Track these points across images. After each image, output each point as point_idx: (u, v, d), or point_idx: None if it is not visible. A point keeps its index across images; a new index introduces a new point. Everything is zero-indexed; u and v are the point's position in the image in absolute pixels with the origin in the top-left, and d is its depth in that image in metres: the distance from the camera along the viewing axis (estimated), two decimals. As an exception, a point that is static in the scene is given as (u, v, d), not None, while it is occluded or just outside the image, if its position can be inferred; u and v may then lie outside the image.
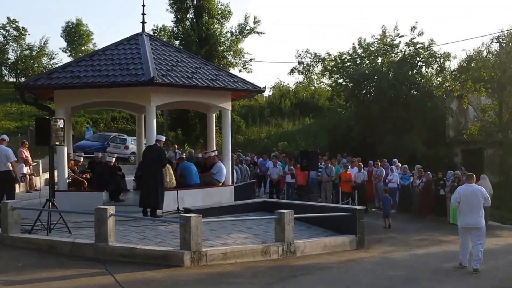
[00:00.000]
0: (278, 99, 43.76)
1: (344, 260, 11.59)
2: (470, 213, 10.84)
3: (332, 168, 20.13)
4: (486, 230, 12.18)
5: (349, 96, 30.29)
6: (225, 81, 15.49)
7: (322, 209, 14.15)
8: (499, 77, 24.95)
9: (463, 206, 10.92)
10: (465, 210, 10.91)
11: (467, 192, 10.92)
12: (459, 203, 10.97)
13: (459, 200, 10.97)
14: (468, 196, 10.86)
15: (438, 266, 11.35)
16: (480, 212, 10.87)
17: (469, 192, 10.91)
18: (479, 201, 10.82)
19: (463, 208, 10.93)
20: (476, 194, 10.86)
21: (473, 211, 10.82)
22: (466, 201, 10.86)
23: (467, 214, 10.87)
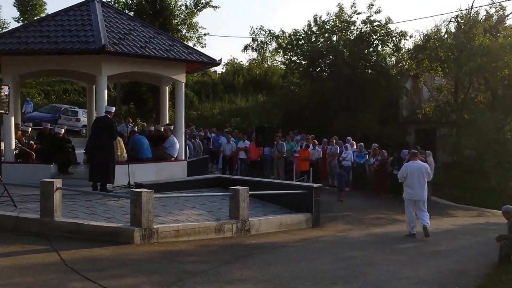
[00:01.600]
0: (231, 75, 43.18)
1: (300, 239, 11.41)
2: (416, 187, 12.02)
3: (283, 145, 19.90)
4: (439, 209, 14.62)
5: (304, 73, 30.06)
6: (179, 52, 14.89)
7: (278, 186, 13.92)
8: (456, 56, 25.21)
9: (409, 181, 12.04)
10: (411, 184, 12.04)
11: (412, 168, 12.10)
12: (405, 178, 12.09)
13: (405, 175, 12.09)
14: (414, 171, 12.02)
15: (396, 247, 11.29)
16: (424, 186, 12.14)
17: (415, 168, 12.11)
18: (424, 176, 12.07)
19: (409, 182, 12.06)
20: (421, 170, 12.10)
21: (418, 185, 12.02)
22: (412, 176, 11.99)
23: (413, 188, 12.03)
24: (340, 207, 16.30)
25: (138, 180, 13.28)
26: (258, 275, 8.10)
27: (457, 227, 15.24)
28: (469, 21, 26.17)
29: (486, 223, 16.49)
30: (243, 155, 20.46)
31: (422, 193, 12.13)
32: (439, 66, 25.96)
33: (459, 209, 19.31)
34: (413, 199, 12.17)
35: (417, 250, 11.04)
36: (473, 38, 24.81)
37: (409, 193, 12.17)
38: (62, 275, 7.28)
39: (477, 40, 24.74)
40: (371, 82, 27.72)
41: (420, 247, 11.39)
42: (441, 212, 17.74)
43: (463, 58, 24.49)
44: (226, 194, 11.62)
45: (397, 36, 27.99)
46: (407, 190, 12.20)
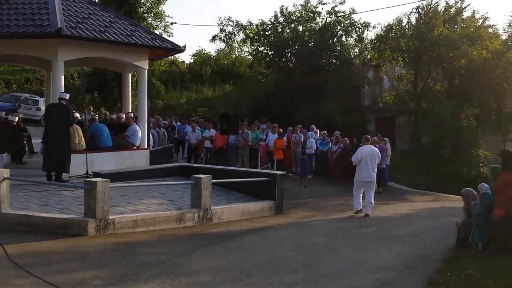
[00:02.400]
0: (199, 65, 42.21)
1: (263, 227, 10.85)
2: (369, 169, 12.52)
3: (248, 133, 19.29)
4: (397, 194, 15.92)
5: (270, 63, 29.44)
6: (141, 38, 14.00)
7: (242, 174, 13.30)
8: (416, 47, 24.96)
9: (363, 164, 12.49)
10: (364, 167, 12.51)
11: (366, 152, 12.57)
12: (360, 161, 12.50)
13: (359, 159, 12.50)
14: (367, 155, 12.52)
15: (357, 232, 10.86)
16: (375, 169, 12.70)
17: (368, 152, 12.61)
18: (375, 160, 12.69)
19: (363, 165, 12.51)
20: (373, 154, 12.69)
21: (370, 168, 12.54)
22: (365, 160, 12.47)
23: (367, 170, 12.52)
24: (303, 194, 15.79)
25: (97, 169, 12.50)
26: (217, 265, 7.53)
27: (414, 211, 14.91)
28: (429, 12, 25.90)
29: (442, 207, 16.28)
30: (209, 144, 19.74)
31: (373, 175, 12.66)
32: (400, 56, 25.69)
33: (416, 194, 18.99)
34: (365, 180, 12.62)
35: (377, 235, 10.62)
36: (433, 28, 24.59)
37: (361, 175, 12.60)
38: (5, 271, 6.51)
39: (436, 31, 24.53)
40: (335, 71, 27.29)
41: (380, 232, 11.00)
42: (399, 197, 17.45)
43: (423, 48, 24.27)
44: (188, 182, 10.95)
45: (360, 27, 27.60)
46: (360, 173, 12.60)
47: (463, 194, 9.92)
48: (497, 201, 8.44)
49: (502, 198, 8.31)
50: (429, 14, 25.98)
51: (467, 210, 9.65)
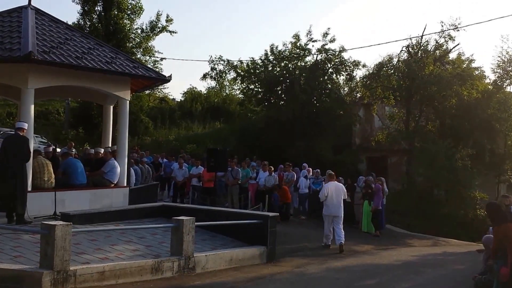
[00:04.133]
0: (189, 102, 40.88)
1: (253, 278, 9.10)
2: (334, 204, 12.76)
3: (238, 170, 17.65)
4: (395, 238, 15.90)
5: (260, 100, 28.13)
6: (122, 65, 12.42)
7: (229, 216, 11.55)
8: (407, 85, 23.78)
9: (329, 199, 12.75)
10: (330, 202, 12.78)
11: (333, 188, 12.86)
12: (326, 197, 12.74)
13: (326, 195, 12.76)
14: (334, 190, 12.82)
15: (360, 284, 9.19)
16: (341, 203, 12.90)
17: (334, 187, 12.92)
18: (341, 195, 12.92)
19: (329, 201, 12.77)
20: (339, 189, 13.00)
21: (336, 203, 12.77)
22: (331, 196, 12.74)
23: (332, 205, 12.77)
24: (298, 237, 14.02)
25: (68, 209, 10.76)
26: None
27: (417, 258, 13.30)
28: (420, 50, 24.87)
29: (444, 253, 14.80)
30: (196, 182, 18.00)
31: (339, 210, 12.80)
32: (391, 94, 24.49)
33: (414, 237, 17.48)
34: (331, 215, 12.76)
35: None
36: (424, 67, 23.50)
37: (328, 210, 12.82)
38: None
39: (427, 69, 23.43)
40: (326, 109, 26.02)
41: (385, 285, 9.35)
42: (397, 242, 15.92)
43: (415, 87, 23.09)
44: (168, 225, 9.21)
45: (350, 65, 26.48)
46: (327, 208, 12.82)
47: (486, 242, 8.31)
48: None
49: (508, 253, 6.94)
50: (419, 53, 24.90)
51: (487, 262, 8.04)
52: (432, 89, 23.21)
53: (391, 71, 24.81)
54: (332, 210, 12.77)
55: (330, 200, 12.75)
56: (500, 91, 24.71)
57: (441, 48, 25.12)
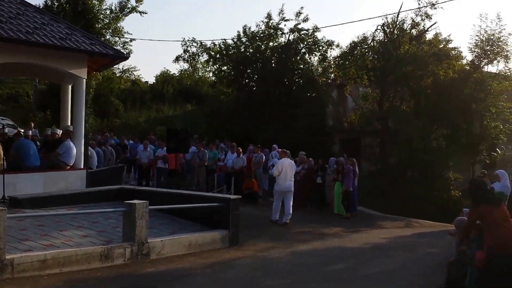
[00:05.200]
0: (160, 85, 40.12)
1: (212, 263, 8.70)
2: (287, 180, 13.22)
3: (205, 152, 17.16)
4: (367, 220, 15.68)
5: (231, 81, 27.55)
6: (78, 42, 11.81)
7: (191, 199, 11.11)
8: (382, 65, 23.41)
9: (283, 175, 13.17)
10: (283, 178, 13.19)
11: (285, 165, 13.28)
12: (280, 172, 13.14)
13: (280, 170, 13.17)
14: (287, 167, 13.26)
15: (325, 270, 8.80)
16: (292, 179, 13.42)
17: (287, 164, 13.38)
18: (292, 171, 13.52)
19: (282, 176, 13.18)
20: (291, 166, 13.55)
21: (289, 179, 13.26)
22: (284, 172, 13.16)
23: (285, 181, 13.21)
24: (264, 220, 13.66)
25: (21, 193, 10.21)
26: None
27: (387, 240, 13.03)
28: (395, 29, 24.47)
29: (416, 235, 14.52)
30: (162, 164, 17.44)
31: (291, 185, 13.35)
32: (365, 74, 24.10)
33: (387, 219, 17.16)
34: (284, 190, 13.25)
35: (348, 274, 8.62)
36: (399, 46, 23.13)
37: (281, 185, 13.27)
38: None
39: (402, 49, 23.09)
40: (299, 90, 25.56)
41: (351, 270, 9.00)
42: (369, 224, 15.59)
43: (389, 66, 22.74)
44: (119, 210, 8.72)
45: (323, 45, 26.00)
46: (280, 184, 13.27)
47: (458, 225, 7.96)
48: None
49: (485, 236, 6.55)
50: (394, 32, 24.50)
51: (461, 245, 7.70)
52: (407, 68, 22.90)
53: (365, 50, 24.37)
54: (284, 185, 13.23)
55: (283, 176, 13.18)
56: (477, 71, 24.47)
57: (417, 27, 24.73)
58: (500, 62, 23.87)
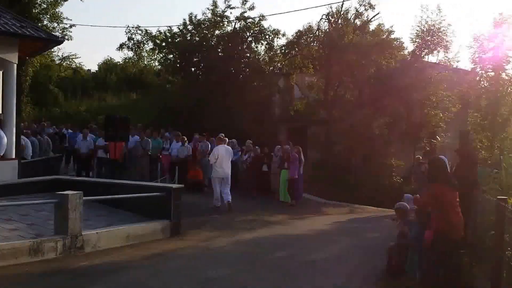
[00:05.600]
0: (103, 73, 38.80)
1: (152, 255, 8.33)
2: (224, 166, 13.37)
3: (148, 141, 16.66)
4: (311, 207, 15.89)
5: (177, 69, 26.95)
6: (7, 25, 11.08)
7: (131, 189, 10.64)
8: (327, 54, 23.47)
9: (219, 161, 13.28)
10: (220, 164, 13.32)
11: (222, 151, 13.41)
12: (217, 159, 13.25)
13: (216, 157, 13.27)
14: (224, 154, 13.40)
15: (268, 258, 8.60)
16: (229, 165, 13.63)
17: (223, 150, 13.48)
18: (229, 158, 13.66)
19: (219, 163, 13.30)
20: (228, 152, 13.65)
21: (226, 165, 13.42)
22: (221, 158, 13.28)
23: (222, 167, 13.34)
24: (209, 209, 13.38)
25: None
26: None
27: (331, 226, 13.08)
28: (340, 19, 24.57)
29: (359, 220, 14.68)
30: (102, 154, 16.79)
31: (228, 171, 13.47)
32: (310, 63, 24.12)
33: (330, 205, 17.29)
34: (221, 177, 13.36)
35: (292, 261, 8.45)
36: (344, 36, 23.26)
37: (218, 172, 13.35)
38: None
39: (347, 38, 23.23)
40: (246, 79, 25.31)
41: (295, 257, 8.86)
42: (313, 210, 15.65)
43: (334, 56, 22.84)
44: (49, 201, 8.18)
45: (270, 34, 25.81)
46: (217, 170, 13.37)
47: (398, 210, 7.93)
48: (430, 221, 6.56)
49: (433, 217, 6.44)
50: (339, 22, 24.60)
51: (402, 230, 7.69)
52: (351, 58, 23.10)
53: (310, 39, 24.36)
54: (222, 172, 13.35)
55: (220, 162, 13.29)
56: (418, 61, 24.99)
57: (361, 16, 24.98)
58: (440, 52, 24.47)
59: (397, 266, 7.48)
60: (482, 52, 20.61)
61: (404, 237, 7.51)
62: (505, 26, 18.61)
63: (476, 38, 19.83)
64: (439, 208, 6.24)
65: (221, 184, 13.46)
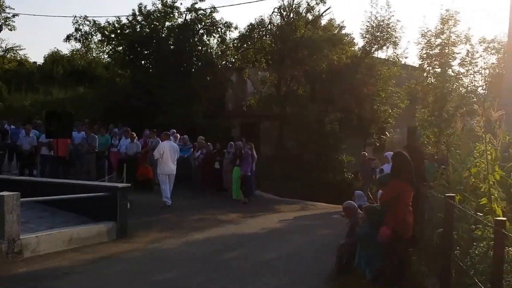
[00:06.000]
0: (50, 65, 37.28)
1: (96, 259, 7.99)
2: (170, 163, 13.25)
3: (94, 137, 16.05)
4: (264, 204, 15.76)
5: (126, 62, 26.21)
6: None
7: (74, 188, 10.16)
8: (279, 48, 23.36)
9: (165, 158, 13.12)
10: (166, 161, 13.17)
11: (167, 147, 13.22)
12: (162, 155, 13.08)
13: (162, 153, 13.10)
14: (168, 150, 13.18)
15: (219, 260, 8.39)
16: (175, 162, 13.47)
17: (169, 146, 13.29)
18: (175, 154, 13.50)
19: (165, 159, 13.14)
20: (173, 148, 13.54)
21: (171, 162, 13.29)
22: (166, 154, 13.12)
23: (168, 164, 13.21)
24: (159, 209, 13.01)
25: None
26: None
27: (283, 224, 12.99)
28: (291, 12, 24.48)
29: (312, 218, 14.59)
30: (46, 151, 16.02)
31: (174, 168, 13.40)
32: (263, 57, 23.96)
33: (283, 203, 17.17)
34: (167, 173, 13.25)
35: (243, 262, 8.28)
36: (296, 30, 23.18)
37: (164, 169, 13.21)
38: None
39: (299, 32, 23.16)
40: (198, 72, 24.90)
41: (247, 257, 8.71)
42: (266, 208, 15.46)
43: (286, 50, 22.76)
44: (-15, 204, 7.64)
45: (222, 27, 25.44)
46: (163, 167, 13.21)
47: (346, 209, 7.86)
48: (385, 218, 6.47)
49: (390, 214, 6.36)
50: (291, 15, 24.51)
51: (351, 228, 7.64)
52: (303, 52, 23.09)
53: (263, 33, 24.18)
54: (168, 168, 13.25)
55: (166, 159, 13.15)
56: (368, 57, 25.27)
57: (312, 11, 24.96)
58: (389, 48, 24.81)
59: (347, 264, 7.43)
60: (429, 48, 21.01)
61: (353, 235, 7.46)
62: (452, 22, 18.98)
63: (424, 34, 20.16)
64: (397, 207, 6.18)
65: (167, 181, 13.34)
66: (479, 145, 6.55)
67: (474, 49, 19.62)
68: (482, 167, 6.41)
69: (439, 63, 19.76)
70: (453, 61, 19.66)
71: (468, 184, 6.80)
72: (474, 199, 6.24)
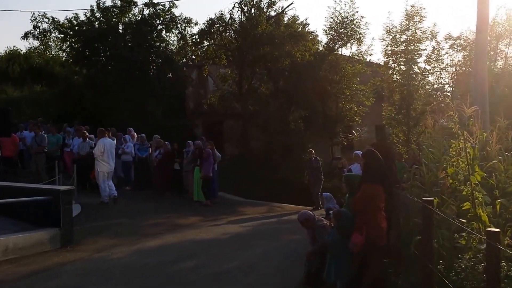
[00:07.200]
0: (5, 63, 35.52)
1: (35, 271, 7.06)
2: (110, 160, 13.09)
3: (43, 137, 14.90)
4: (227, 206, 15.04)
5: (79, 58, 25.02)
6: None
7: (12, 192, 9.12)
8: (240, 44, 22.50)
9: (106, 155, 12.93)
10: (107, 158, 12.97)
11: (107, 144, 13.03)
12: (103, 153, 12.84)
13: (102, 150, 12.84)
14: (108, 147, 13.02)
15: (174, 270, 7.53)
16: (114, 159, 13.40)
17: (109, 143, 13.16)
18: (113, 151, 13.48)
19: (106, 157, 12.93)
20: (112, 145, 13.41)
21: (111, 159, 13.11)
22: (107, 152, 12.94)
23: (109, 161, 13.02)
24: (112, 213, 12.03)
25: None
26: None
27: (247, 229, 11.93)
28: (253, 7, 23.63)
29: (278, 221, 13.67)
30: (-9, 152, 14.80)
31: (113, 165, 13.38)
32: (223, 54, 23.06)
33: (248, 205, 16.24)
34: (108, 171, 13.06)
35: (197, 273, 7.43)
36: (257, 25, 22.36)
37: (105, 167, 12.99)
38: None
39: (260, 28, 22.36)
40: (156, 70, 23.87)
41: (202, 267, 7.80)
42: (229, 211, 14.42)
43: (247, 46, 21.93)
44: None
45: (181, 23, 24.46)
46: (103, 164, 12.94)
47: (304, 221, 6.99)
48: (356, 223, 5.76)
49: (360, 219, 5.66)
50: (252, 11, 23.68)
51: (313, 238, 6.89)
52: (264, 49, 22.35)
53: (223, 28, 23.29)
54: (109, 166, 13.06)
55: (107, 156, 12.95)
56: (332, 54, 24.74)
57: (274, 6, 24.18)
58: (353, 45, 24.37)
59: (317, 273, 6.70)
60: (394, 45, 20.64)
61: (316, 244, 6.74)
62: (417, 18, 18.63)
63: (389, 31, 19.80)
64: (371, 212, 5.53)
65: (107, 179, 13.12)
66: (455, 142, 5.91)
67: (440, 46, 19.35)
68: (461, 166, 5.81)
69: (404, 60, 19.39)
70: (418, 58, 19.34)
71: (445, 185, 6.18)
72: (454, 202, 5.61)
